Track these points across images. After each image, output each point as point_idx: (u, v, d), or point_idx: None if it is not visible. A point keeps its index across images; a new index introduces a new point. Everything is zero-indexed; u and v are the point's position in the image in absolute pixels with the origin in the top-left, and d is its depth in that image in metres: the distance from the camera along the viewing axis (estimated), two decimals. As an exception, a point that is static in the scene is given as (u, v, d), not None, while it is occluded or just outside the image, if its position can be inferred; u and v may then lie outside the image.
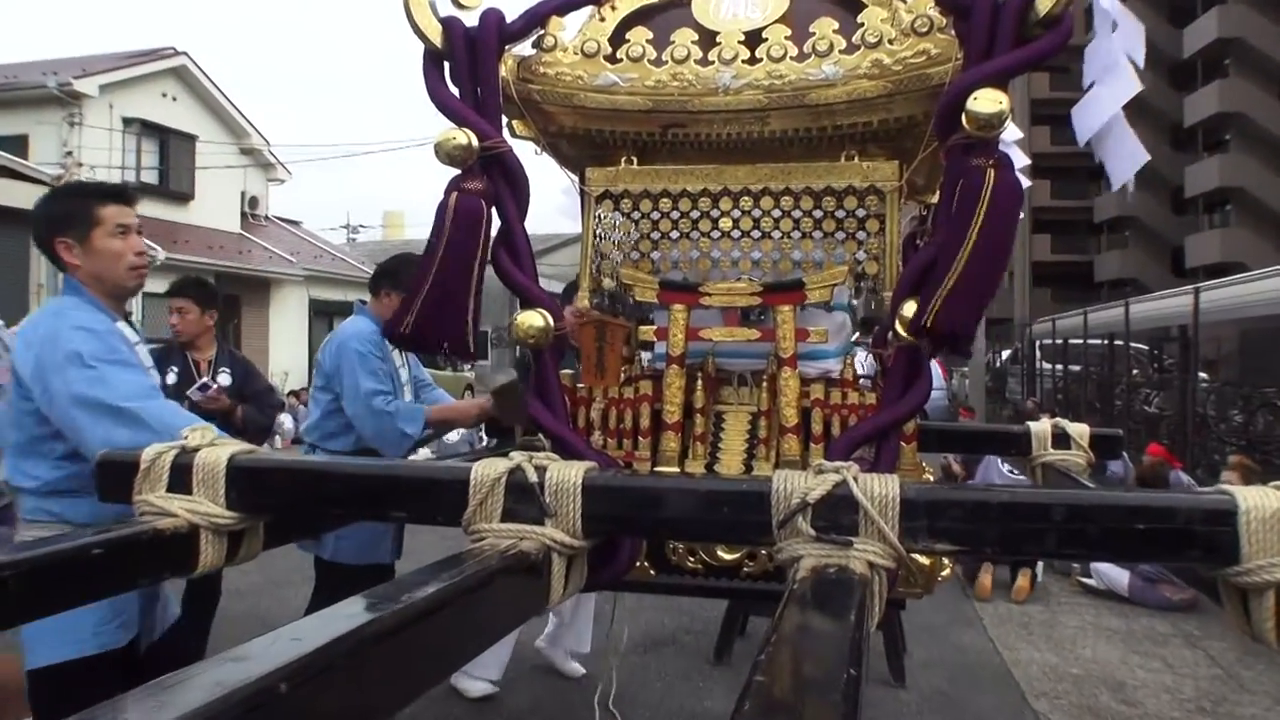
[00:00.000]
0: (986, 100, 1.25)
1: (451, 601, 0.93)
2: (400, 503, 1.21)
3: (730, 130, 1.63)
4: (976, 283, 1.27)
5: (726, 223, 1.68)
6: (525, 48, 1.65)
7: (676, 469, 1.64)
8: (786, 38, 1.57)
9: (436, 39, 1.51)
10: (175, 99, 16.78)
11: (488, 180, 1.49)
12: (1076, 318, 13.38)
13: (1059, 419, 2.15)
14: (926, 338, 1.35)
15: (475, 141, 1.45)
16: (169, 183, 16.61)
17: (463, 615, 0.96)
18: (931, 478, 1.85)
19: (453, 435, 6.69)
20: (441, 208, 1.47)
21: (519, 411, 2.39)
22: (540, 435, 1.62)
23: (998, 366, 18.74)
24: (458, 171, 1.47)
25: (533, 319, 1.51)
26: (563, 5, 1.64)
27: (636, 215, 1.73)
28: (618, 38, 1.65)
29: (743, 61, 1.57)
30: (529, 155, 1.71)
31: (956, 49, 1.42)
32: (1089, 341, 13.07)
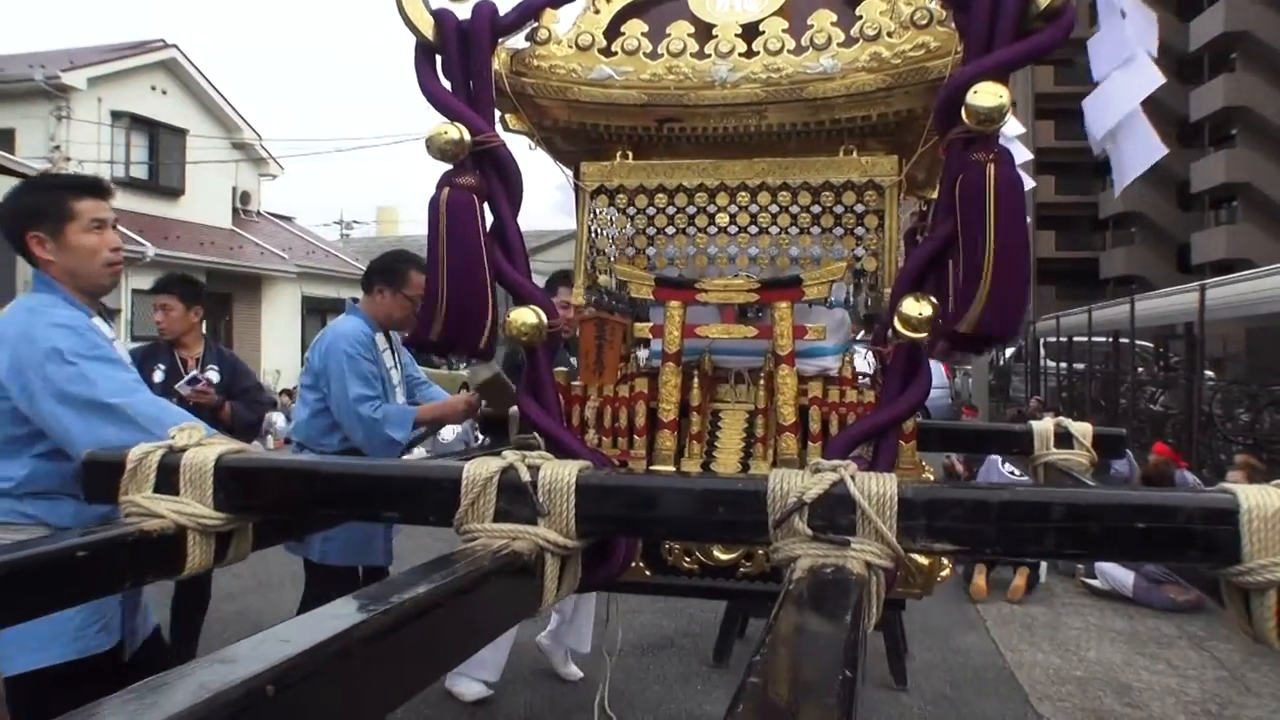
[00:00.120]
0: (986, 94, 1.23)
1: (443, 603, 0.91)
2: (391, 503, 1.19)
3: (727, 124, 1.61)
4: (1010, 283, 1.25)
5: (723, 218, 1.66)
6: (519, 41, 1.64)
7: (672, 468, 1.62)
8: (784, 30, 1.55)
9: (428, 32, 1.50)
10: (165, 92, 16.52)
11: (480, 175, 1.48)
12: (1081, 315, 13.36)
13: (1061, 418, 2.13)
14: (961, 344, 1.33)
15: (467, 136, 1.44)
16: (159, 178, 16.37)
17: (454, 617, 0.94)
18: (931, 477, 1.83)
19: (448, 434, 6.69)
20: (434, 203, 1.46)
21: (507, 399, 2.37)
22: (535, 434, 1.60)
23: (1001, 364, 18.67)
24: (450, 167, 1.46)
25: (526, 316, 1.49)
26: (557, -3, 1.62)
27: (632, 211, 1.72)
28: (612, 30, 1.64)
29: (739, 55, 1.55)
30: (523, 150, 1.70)
31: (956, 42, 1.40)
32: (1094, 339, 13.05)
